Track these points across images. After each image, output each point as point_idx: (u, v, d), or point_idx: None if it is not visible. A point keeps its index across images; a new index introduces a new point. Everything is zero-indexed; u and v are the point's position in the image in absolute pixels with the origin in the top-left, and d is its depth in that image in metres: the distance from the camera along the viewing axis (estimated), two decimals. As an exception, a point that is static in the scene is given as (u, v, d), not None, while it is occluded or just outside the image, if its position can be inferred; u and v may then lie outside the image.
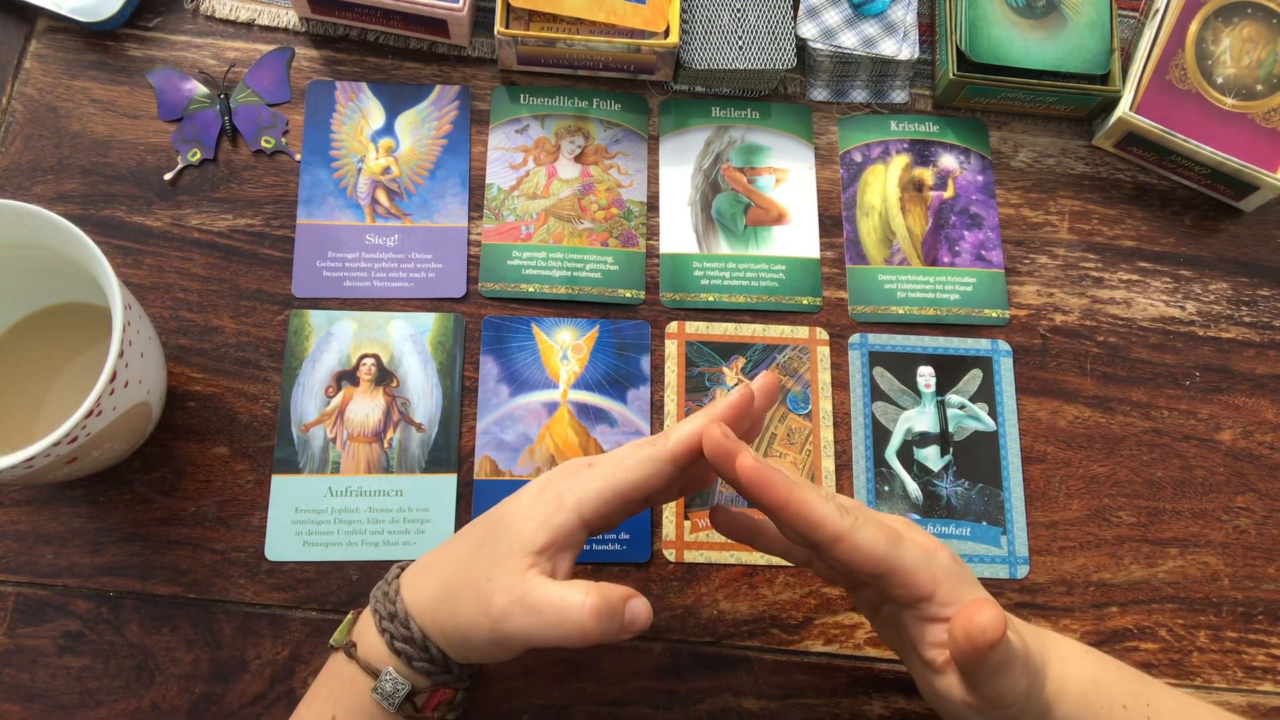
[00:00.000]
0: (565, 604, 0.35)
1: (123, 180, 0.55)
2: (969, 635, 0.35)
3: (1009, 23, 0.59)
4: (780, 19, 0.59)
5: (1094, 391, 0.56)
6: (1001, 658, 0.36)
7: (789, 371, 0.55)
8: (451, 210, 0.57)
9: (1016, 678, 0.37)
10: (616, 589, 0.36)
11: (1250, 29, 0.60)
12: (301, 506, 0.51)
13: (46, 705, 0.47)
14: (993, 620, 0.34)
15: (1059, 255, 0.59)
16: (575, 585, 0.36)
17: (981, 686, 0.37)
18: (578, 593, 0.35)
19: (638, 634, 0.37)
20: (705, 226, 0.58)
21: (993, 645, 0.34)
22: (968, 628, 0.35)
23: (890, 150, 0.60)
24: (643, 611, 0.37)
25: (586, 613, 0.35)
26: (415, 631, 0.39)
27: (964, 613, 0.36)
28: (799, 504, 0.36)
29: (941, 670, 0.39)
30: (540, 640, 0.36)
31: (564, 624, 0.35)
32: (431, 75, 0.59)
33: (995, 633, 0.34)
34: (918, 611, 0.38)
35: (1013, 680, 0.37)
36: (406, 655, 0.39)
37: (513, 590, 0.36)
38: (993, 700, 0.37)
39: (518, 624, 0.36)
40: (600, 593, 0.35)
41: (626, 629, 0.36)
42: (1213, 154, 0.57)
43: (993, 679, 0.37)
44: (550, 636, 0.36)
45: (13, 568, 0.49)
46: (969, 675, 0.37)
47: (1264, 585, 0.53)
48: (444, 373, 0.54)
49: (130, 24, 0.59)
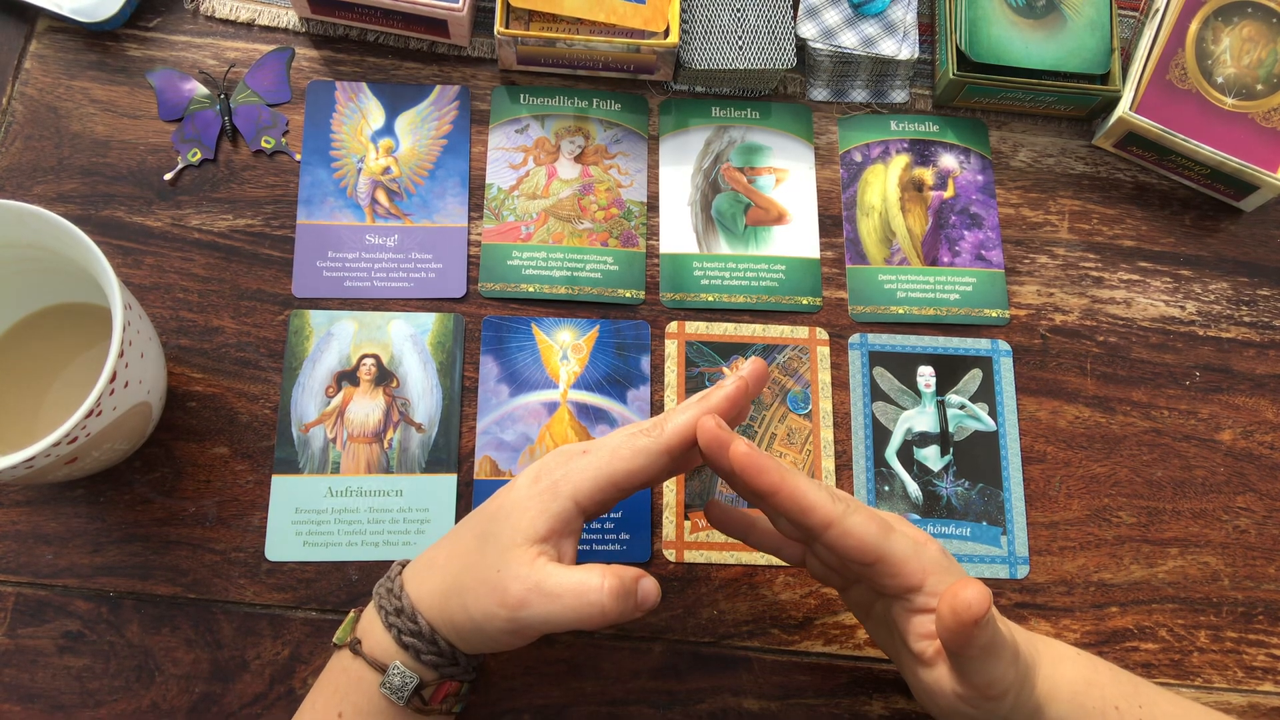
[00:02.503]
0: (584, 587, 0.36)
1: (123, 180, 0.55)
2: (955, 611, 0.35)
3: (1009, 23, 0.59)
4: (780, 19, 0.59)
5: (1094, 391, 0.56)
6: (989, 639, 0.36)
7: (789, 371, 0.55)
8: (451, 210, 0.57)
9: (1005, 665, 0.37)
10: (627, 570, 0.38)
11: (1250, 29, 0.60)
12: (301, 506, 0.51)
13: (46, 705, 0.47)
14: (977, 596, 0.35)
15: (1059, 255, 0.59)
16: (589, 569, 0.37)
17: (971, 673, 0.37)
18: (594, 576, 0.37)
19: (648, 612, 0.38)
20: (705, 226, 0.58)
21: (978, 620, 0.35)
22: (953, 603, 0.35)
23: (890, 150, 0.60)
24: (653, 590, 0.38)
25: (606, 594, 0.36)
26: (423, 625, 0.39)
27: (949, 591, 0.36)
28: (790, 489, 0.37)
29: (931, 662, 0.39)
30: (560, 625, 0.37)
31: (584, 607, 0.36)
32: (431, 75, 0.59)
33: (980, 607, 0.34)
34: (907, 603, 0.39)
35: (1002, 667, 0.37)
36: (415, 649, 0.39)
37: (528, 579, 0.37)
38: (983, 689, 0.38)
39: (536, 611, 0.36)
40: (615, 574, 0.37)
41: (640, 607, 0.38)
42: (1213, 154, 0.57)
43: (982, 665, 0.37)
44: (570, 620, 0.36)
45: (13, 568, 0.49)
46: (958, 659, 0.37)
47: (1264, 585, 0.53)
48: (444, 373, 0.54)
49: (130, 24, 0.59)
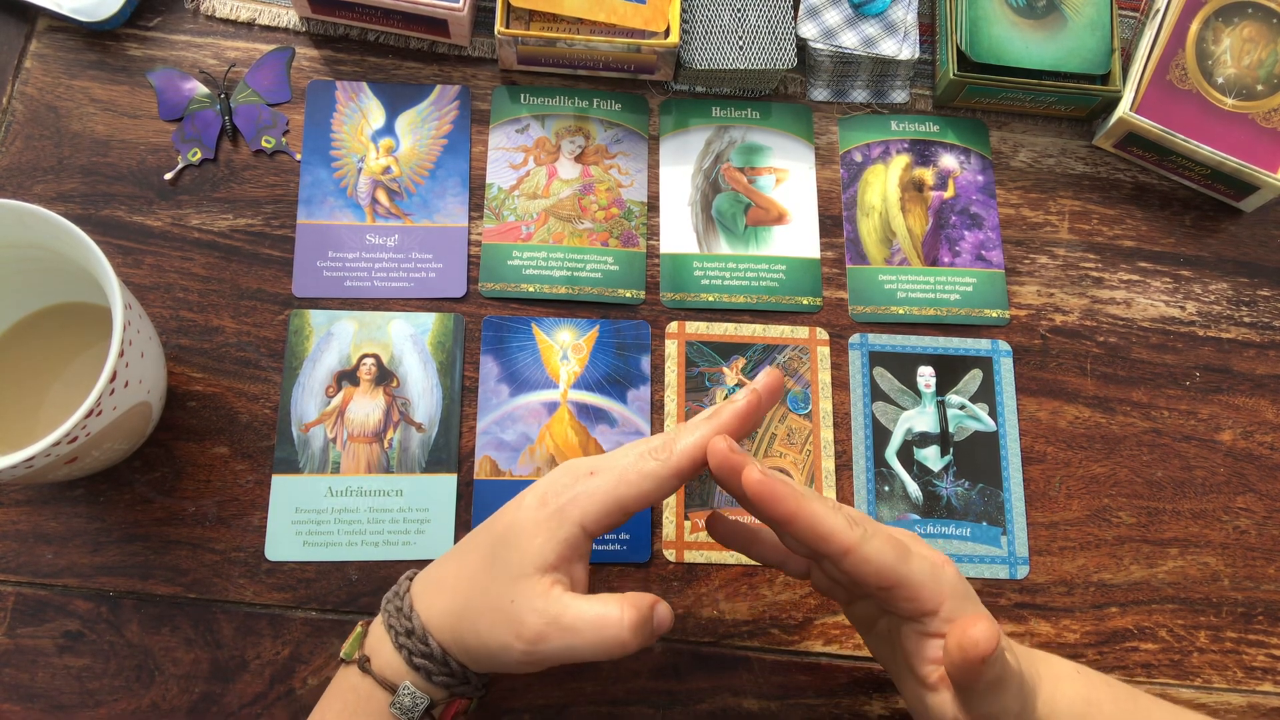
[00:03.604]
0: (604, 621, 0.36)
1: (123, 180, 0.55)
2: (962, 648, 0.35)
3: (1009, 23, 0.59)
4: (780, 19, 0.59)
5: (1094, 392, 0.56)
6: (997, 674, 0.36)
7: (789, 371, 0.55)
8: (452, 210, 0.57)
9: (1011, 698, 0.37)
10: (643, 597, 0.37)
11: (1250, 29, 0.60)
12: (301, 506, 0.51)
13: (46, 705, 0.47)
14: (986, 634, 0.34)
15: (1059, 255, 0.59)
16: (606, 600, 0.36)
17: (975, 704, 0.37)
18: (613, 608, 0.36)
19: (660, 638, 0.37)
20: (705, 226, 0.58)
21: (985, 658, 0.34)
22: (961, 640, 0.35)
23: (890, 150, 0.60)
24: (667, 615, 0.38)
25: (627, 629, 0.36)
26: (434, 648, 0.38)
27: (958, 626, 0.36)
28: (808, 516, 0.36)
29: (935, 687, 0.38)
30: (579, 657, 0.36)
31: (604, 641, 0.36)
32: (432, 75, 0.59)
33: (988, 646, 0.34)
34: (921, 626, 0.38)
35: (1007, 700, 0.37)
36: (426, 670, 0.39)
37: (544, 612, 0.36)
38: (986, 719, 0.37)
39: (555, 645, 0.36)
40: (633, 605, 0.36)
41: (655, 634, 0.37)
42: (1213, 154, 0.57)
43: (988, 696, 0.37)
44: (590, 654, 0.36)
45: (13, 568, 0.49)
46: (964, 692, 0.37)
47: (1264, 585, 0.53)
48: (444, 373, 0.54)
49: (130, 24, 0.59)
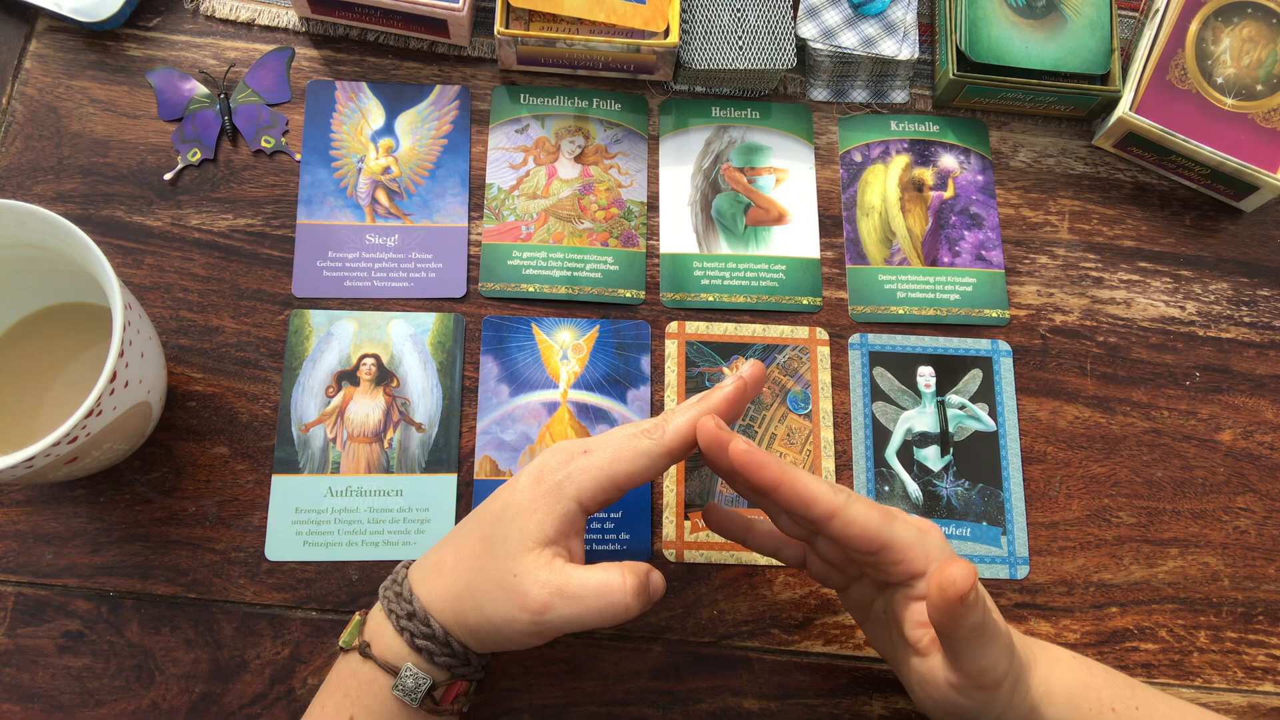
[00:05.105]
0: (607, 588, 0.38)
1: (123, 180, 0.55)
2: (941, 588, 0.35)
3: (1009, 23, 0.59)
4: (780, 19, 0.59)
5: (1094, 392, 0.56)
6: (978, 621, 0.36)
7: (789, 371, 0.55)
8: (451, 210, 0.57)
9: (998, 654, 0.38)
10: (638, 566, 0.39)
11: (1250, 29, 0.60)
12: (301, 506, 0.51)
13: (46, 705, 0.47)
14: (962, 573, 0.35)
15: (1059, 255, 0.59)
16: (606, 568, 0.38)
17: (964, 659, 0.38)
18: (614, 575, 0.38)
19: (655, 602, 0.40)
20: (705, 226, 0.58)
21: (963, 597, 0.35)
22: (940, 580, 0.36)
23: (890, 150, 0.60)
24: (660, 582, 0.40)
25: (630, 594, 0.38)
26: (436, 628, 0.39)
27: (935, 571, 0.36)
28: (792, 482, 0.38)
29: (926, 651, 0.39)
30: (584, 625, 0.38)
31: (609, 607, 0.38)
32: (431, 75, 0.59)
33: (965, 583, 0.35)
34: (910, 590, 0.39)
35: (994, 655, 0.38)
36: (428, 651, 0.40)
37: (548, 582, 0.38)
38: (975, 676, 0.38)
39: (560, 613, 0.38)
40: (632, 571, 0.38)
41: (652, 600, 0.39)
42: (1213, 154, 0.57)
43: (974, 650, 0.37)
44: (595, 621, 0.38)
45: (13, 568, 0.49)
46: (950, 644, 0.37)
47: (1264, 585, 0.53)
48: (444, 373, 0.54)
49: (130, 24, 0.59)
